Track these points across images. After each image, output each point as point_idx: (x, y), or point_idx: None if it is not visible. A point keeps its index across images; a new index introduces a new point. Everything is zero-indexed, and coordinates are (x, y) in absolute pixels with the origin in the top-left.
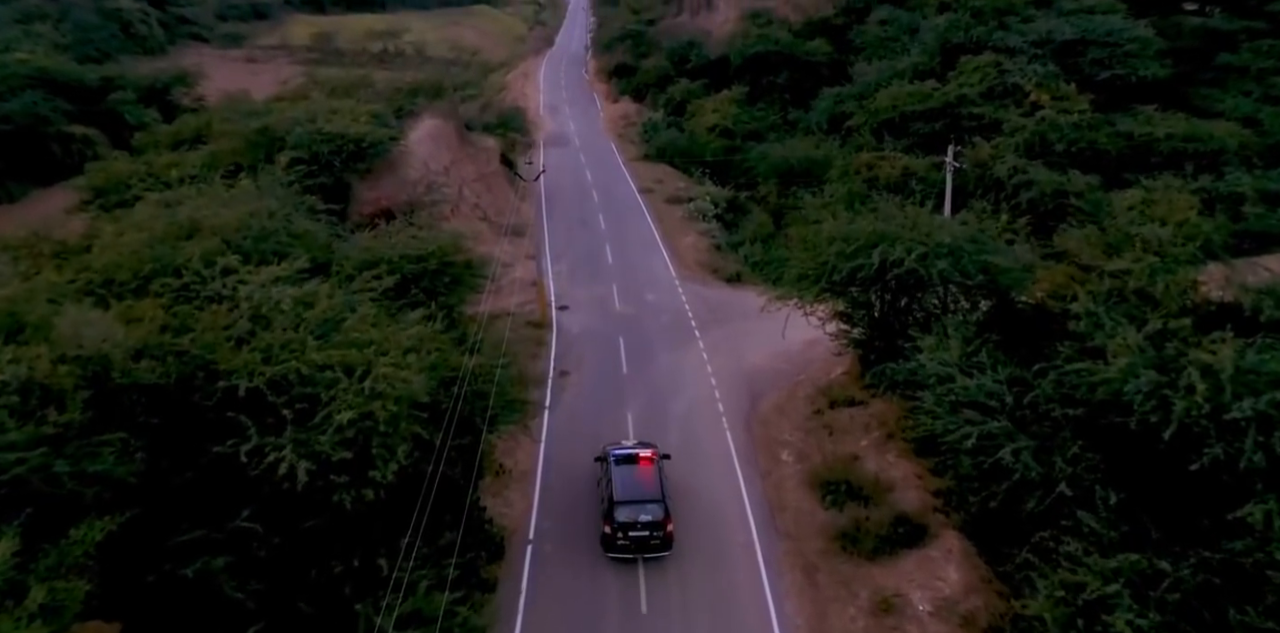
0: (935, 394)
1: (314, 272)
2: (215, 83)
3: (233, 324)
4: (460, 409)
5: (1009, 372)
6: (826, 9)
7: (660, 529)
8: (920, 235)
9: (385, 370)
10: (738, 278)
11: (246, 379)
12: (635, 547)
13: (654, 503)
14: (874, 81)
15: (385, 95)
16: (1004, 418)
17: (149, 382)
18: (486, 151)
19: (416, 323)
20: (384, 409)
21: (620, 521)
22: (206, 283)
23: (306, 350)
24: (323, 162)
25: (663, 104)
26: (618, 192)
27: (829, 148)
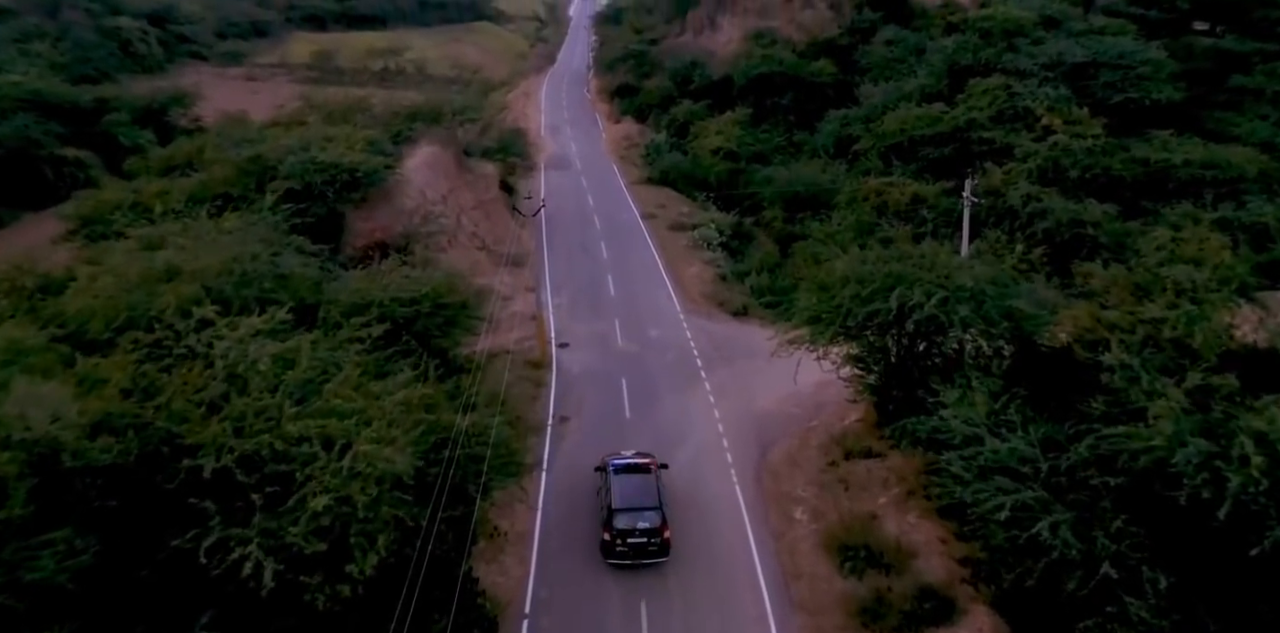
0: (961, 456)
1: (299, 319)
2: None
3: (205, 386)
4: (452, 476)
5: (1041, 431)
6: (831, 29)
7: (658, 536)
8: (939, 277)
9: (366, 448)
10: (744, 311)
11: (214, 458)
12: (633, 553)
13: (652, 510)
14: (881, 104)
15: (382, 120)
16: (1039, 486)
17: (105, 463)
18: (485, 178)
19: (404, 385)
20: (363, 493)
21: (619, 528)
22: (181, 338)
23: (283, 420)
24: (316, 192)
25: (665, 125)
26: (620, 217)
27: (835, 172)
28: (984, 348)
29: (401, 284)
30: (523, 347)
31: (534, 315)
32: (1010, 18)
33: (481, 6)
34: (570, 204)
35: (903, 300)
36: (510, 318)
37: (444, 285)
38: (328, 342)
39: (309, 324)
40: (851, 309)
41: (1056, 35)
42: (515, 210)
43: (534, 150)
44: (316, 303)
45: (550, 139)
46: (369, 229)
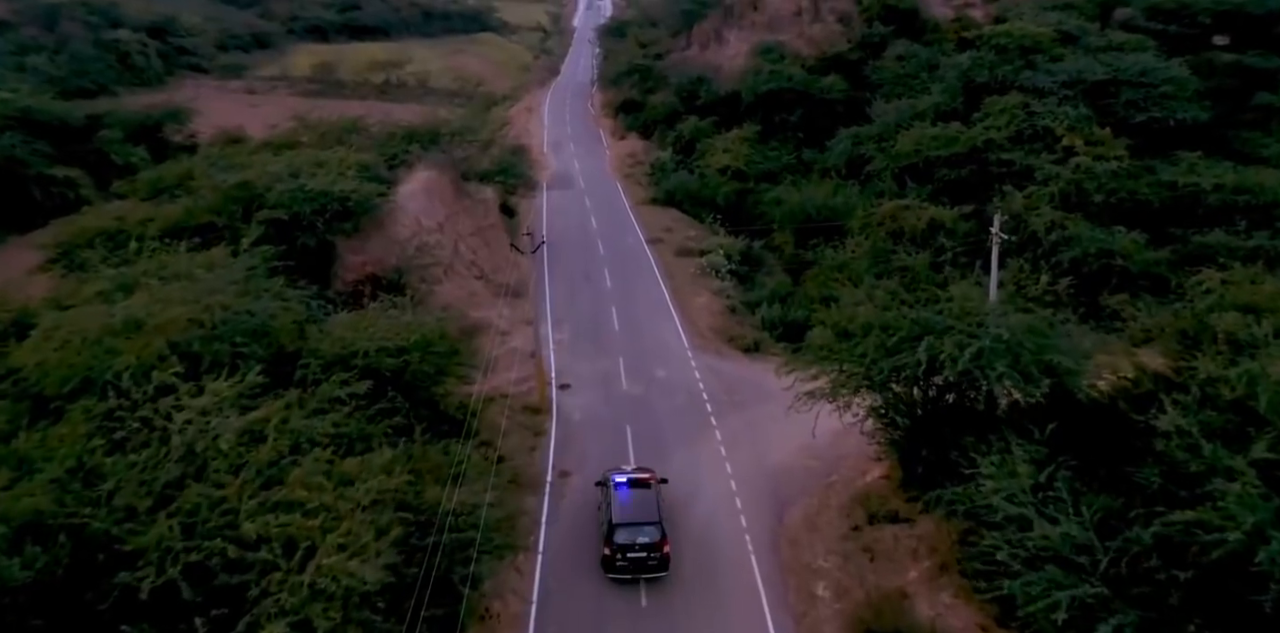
0: (1007, 540)
1: (276, 374)
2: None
3: (158, 467)
4: (436, 565)
5: (1096, 510)
6: (841, 43)
7: (657, 550)
8: (971, 325)
9: (331, 561)
10: (755, 348)
11: (155, 569)
12: (633, 568)
13: (651, 525)
14: (894, 122)
15: (378, 141)
16: (1097, 580)
17: (25, 581)
18: (484, 203)
19: (382, 468)
20: (325, 617)
21: (619, 542)
22: (137, 407)
23: (241, 515)
24: (305, 222)
25: (671, 141)
26: (624, 242)
27: (848, 193)
28: (1020, 402)
29: (390, 330)
30: (521, 389)
31: (533, 352)
32: (1027, 34)
33: (485, 17)
34: (573, 226)
35: (933, 352)
36: (508, 355)
37: (435, 332)
38: (302, 410)
39: (286, 380)
40: (875, 361)
41: (1075, 52)
42: (514, 247)
43: (536, 168)
44: (297, 352)
45: (553, 156)
46: (360, 262)
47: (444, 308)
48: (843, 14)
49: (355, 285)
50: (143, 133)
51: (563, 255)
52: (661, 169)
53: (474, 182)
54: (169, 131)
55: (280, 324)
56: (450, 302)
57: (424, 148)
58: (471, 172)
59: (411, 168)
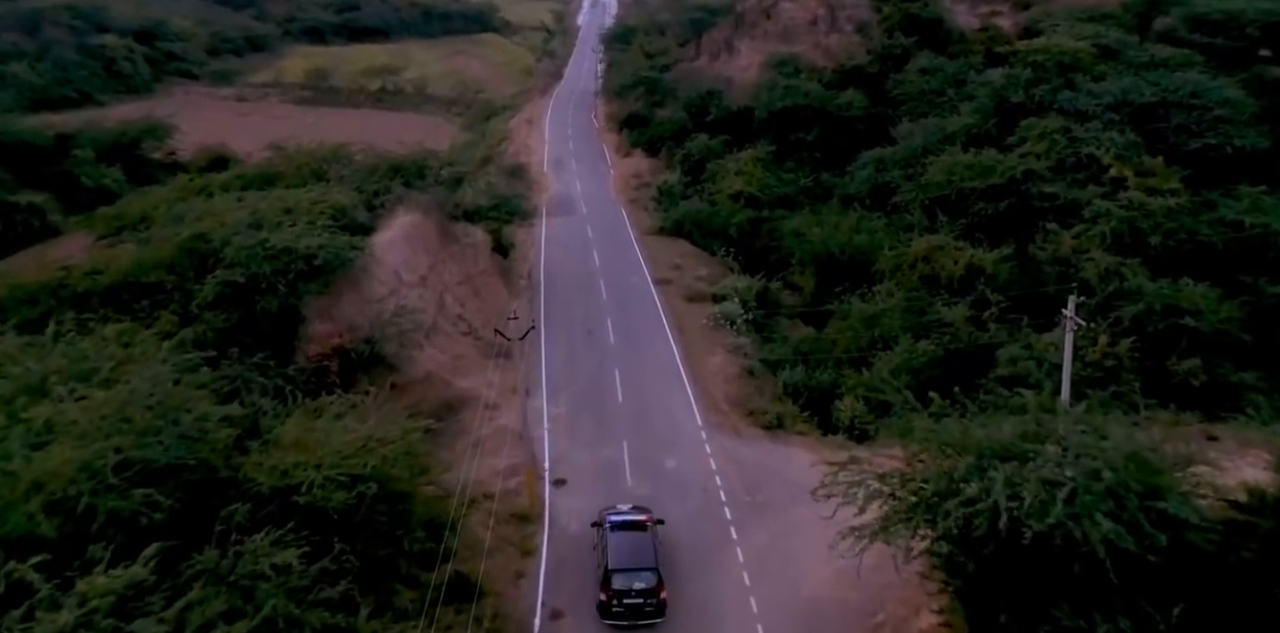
0: None
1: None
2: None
3: None
4: None
5: None
6: (859, 55)
7: (654, 597)
8: (1056, 449)
9: None
10: (779, 424)
11: None
12: (629, 614)
13: (648, 571)
14: (920, 146)
15: (360, 174)
16: None
17: None
18: (474, 247)
19: None
20: None
21: (615, 588)
22: None
23: None
24: (264, 284)
25: (679, 161)
26: (629, 282)
27: (872, 226)
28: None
29: (345, 447)
30: (509, 485)
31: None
32: (1066, 50)
33: (487, 17)
34: (574, 263)
35: (1011, 491)
36: (497, 435)
37: (398, 451)
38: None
39: (203, 532)
40: (937, 501)
41: (1117, 69)
42: (498, 333)
43: (535, 190)
44: (228, 482)
45: (553, 176)
46: (326, 332)
47: (425, 377)
48: (861, 23)
49: (320, 359)
50: (118, 151)
51: (561, 300)
52: (669, 193)
53: (464, 222)
54: (148, 149)
55: (214, 439)
56: (433, 368)
57: (409, 183)
58: (461, 209)
59: (393, 211)
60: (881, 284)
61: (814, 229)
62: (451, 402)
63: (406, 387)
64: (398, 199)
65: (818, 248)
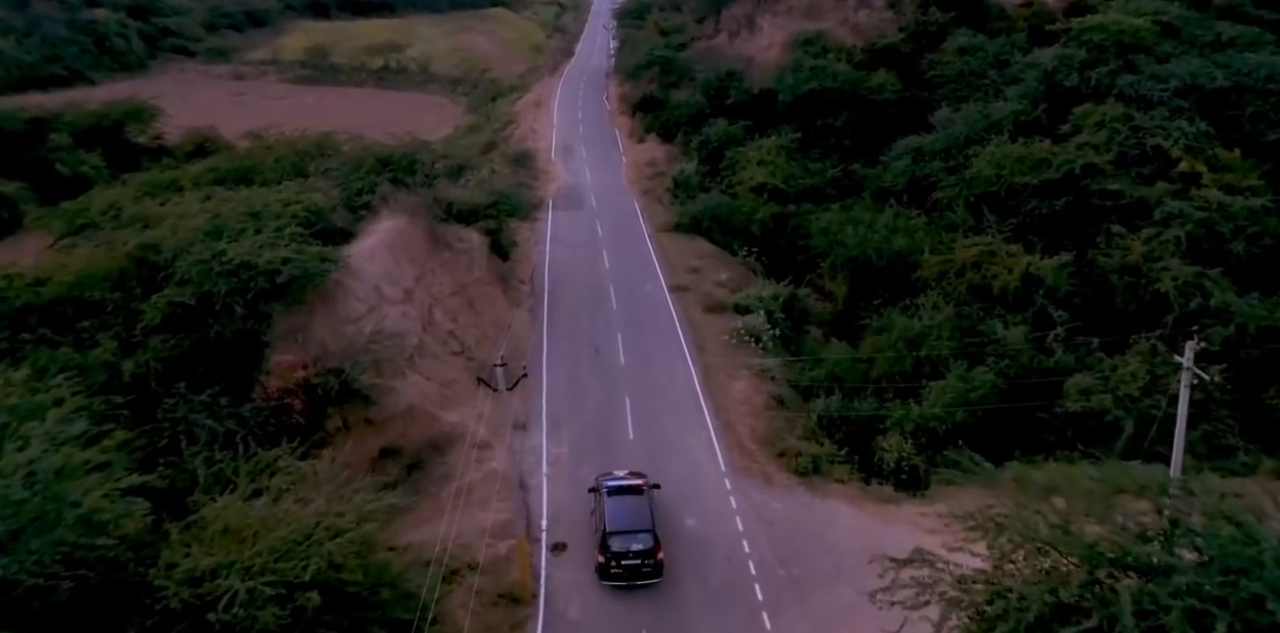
0: None
1: None
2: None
3: None
4: None
5: None
6: (891, 33)
7: (651, 557)
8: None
9: None
10: (814, 469)
11: None
12: (628, 575)
13: (644, 532)
14: (962, 134)
15: (345, 169)
16: None
17: None
18: (469, 254)
19: None
20: None
21: (613, 550)
22: None
23: None
24: (218, 305)
25: (696, 148)
26: (643, 290)
27: (909, 224)
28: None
29: (282, 542)
30: (498, 551)
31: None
32: (1126, 28)
33: None
34: (581, 265)
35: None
36: (486, 482)
37: (355, 546)
38: None
39: None
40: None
41: (1181, 50)
42: (481, 381)
43: (541, 180)
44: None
45: (561, 164)
46: (289, 363)
47: (407, 410)
48: None
49: (282, 395)
50: (99, 135)
51: (568, 310)
52: (685, 185)
53: (457, 224)
54: (132, 132)
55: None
56: (416, 400)
57: (398, 179)
58: (455, 209)
59: (376, 214)
60: (925, 295)
61: (846, 229)
62: (436, 440)
63: (384, 423)
64: (382, 200)
65: (852, 251)
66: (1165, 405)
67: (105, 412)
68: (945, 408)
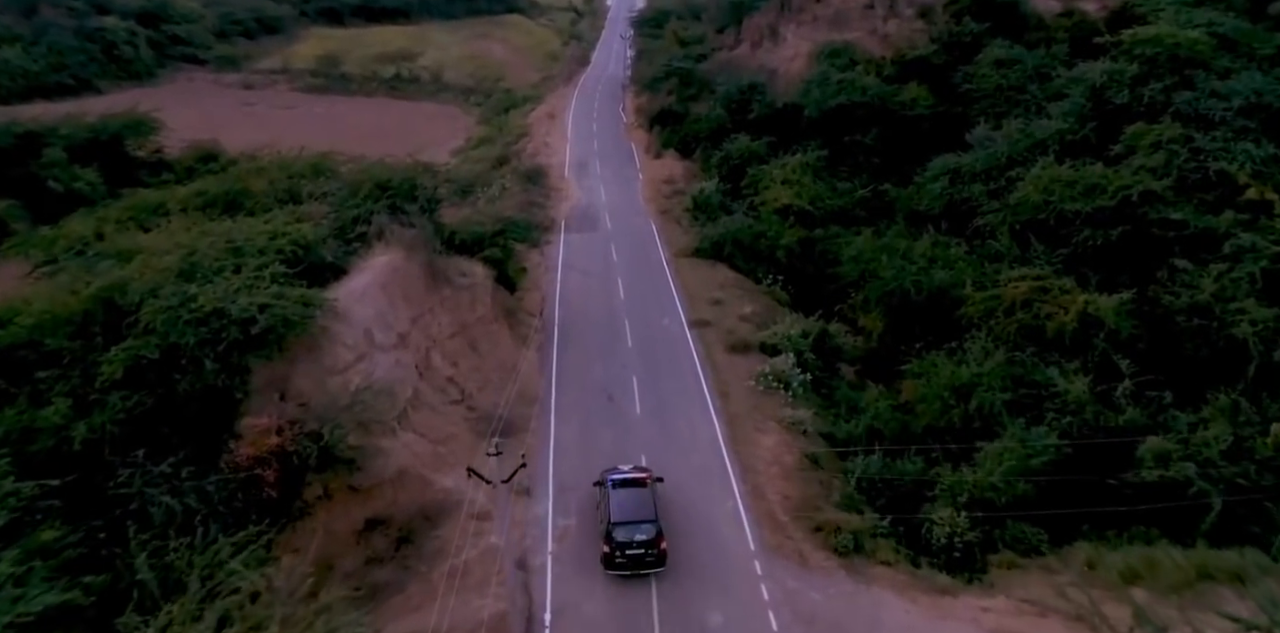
0: None
1: None
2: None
3: None
4: None
5: None
6: (922, 44)
7: (654, 547)
8: None
9: None
10: (857, 547)
11: None
12: (632, 564)
13: (648, 523)
14: (1004, 154)
15: (342, 194)
16: None
17: None
18: (472, 290)
19: None
20: None
21: (618, 540)
22: None
23: None
24: (185, 358)
25: (716, 165)
26: (660, 326)
27: (949, 254)
28: None
29: None
30: None
31: (521, 561)
32: (1183, 41)
33: None
34: (595, 295)
35: None
36: (483, 560)
37: None
38: None
39: None
40: None
41: (1240, 65)
42: (471, 472)
43: (554, 198)
44: None
45: (575, 182)
46: (262, 426)
47: (397, 475)
48: (924, 7)
49: (253, 465)
50: (96, 149)
51: (579, 349)
52: (705, 205)
53: (460, 256)
54: (131, 146)
55: None
56: (408, 463)
57: (397, 206)
58: (459, 238)
59: (370, 248)
60: (971, 336)
61: (880, 258)
62: (429, 509)
63: (371, 490)
64: (378, 232)
65: (888, 285)
66: (1255, 474)
67: (40, 496)
68: (1004, 477)
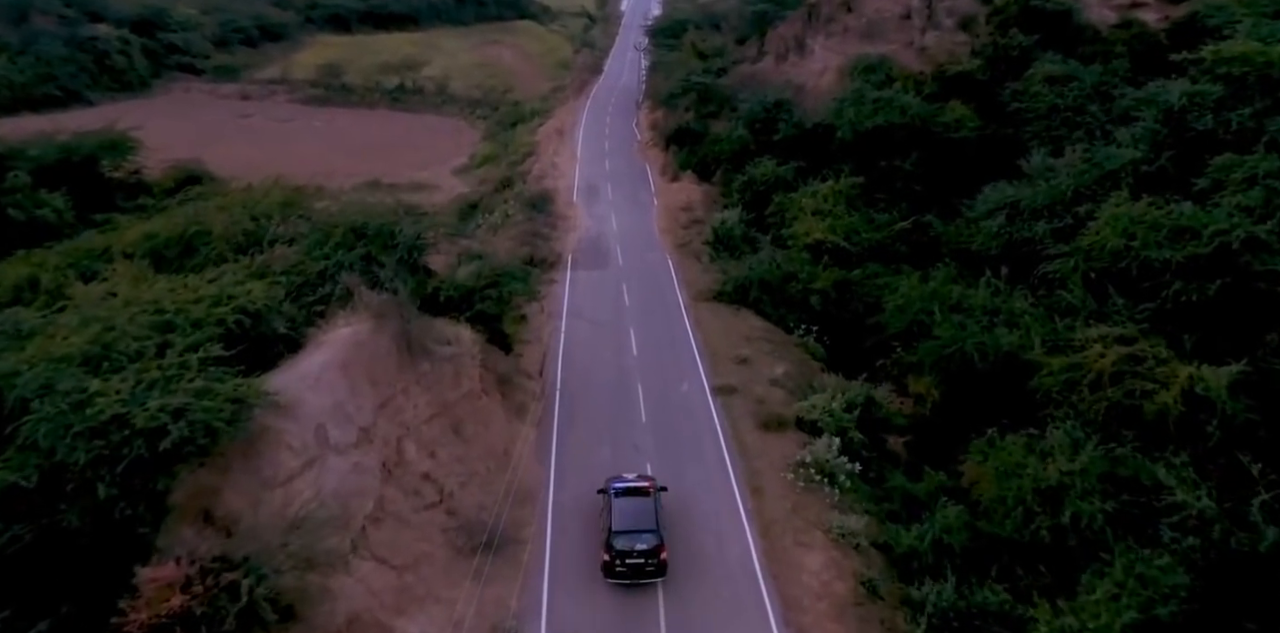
0: None
1: None
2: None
3: None
4: None
5: None
6: (963, 57)
7: (655, 557)
8: None
9: None
10: None
11: None
12: (632, 573)
13: (649, 533)
14: (1069, 187)
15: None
16: None
17: None
18: (456, 361)
19: None
20: None
21: (618, 549)
22: None
23: None
24: (71, 484)
25: (738, 190)
26: (679, 393)
27: (1012, 306)
28: None
29: None
30: None
31: None
32: (1276, 59)
33: (524, 2)
34: (604, 350)
35: None
36: None
37: None
38: None
39: None
40: None
41: None
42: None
43: (560, 226)
44: None
45: (584, 208)
46: (165, 579)
47: (348, 624)
48: (965, 17)
49: (152, 628)
50: (69, 171)
51: (586, 423)
52: (727, 238)
53: (442, 318)
54: (107, 167)
55: None
56: (362, 606)
57: (373, 257)
58: (443, 294)
59: (332, 318)
60: (1051, 416)
61: (932, 308)
62: None
63: None
64: (344, 295)
65: (945, 346)
66: None
67: None
68: (1124, 628)
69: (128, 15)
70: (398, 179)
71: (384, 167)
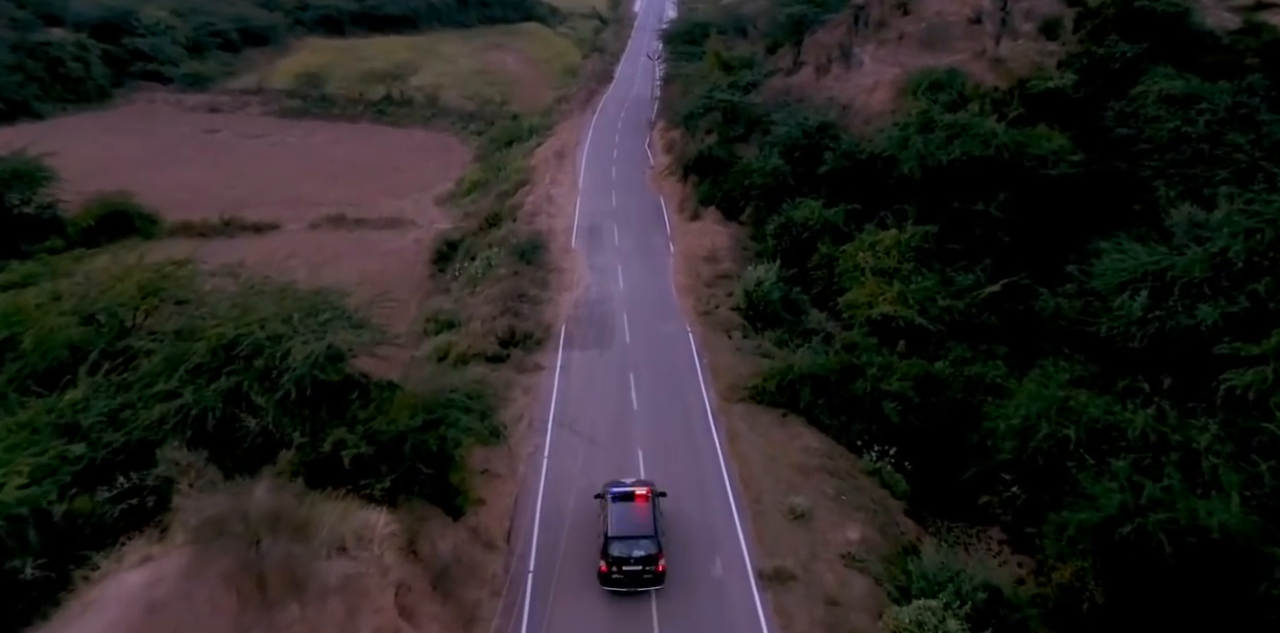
0: None
1: None
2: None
3: None
4: None
5: None
6: (1049, 69)
7: (653, 564)
8: None
9: None
10: None
11: None
12: (629, 581)
13: (647, 539)
14: (1240, 251)
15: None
16: None
17: None
18: (350, 587)
19: None
20: None
21: (615, 555)
22: None
23: None
24: None
25: (773, 235)
26: (710, 580)
27: (1189, 434)
28: None
29: None
30: None
31: None
32: None
33: (530, 3)
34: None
35: None
36: None
37: None
38: None
39: None
40: None
41: None
42: None
43: (554, 283)
44: None
45: (584, 257)
46: None
47: None
48: (1048, 21)
49: None
50: None
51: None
52: (763, 302)
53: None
54: (13, 201)
55: None
56: None
57: (244, 394)
58: (350, 451)
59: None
60: None
61: (1075, 445)
62: None
63: None
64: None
65: (1106, 511)
66: None
67: None
68: None
69: (89, 19)
70: (369, 212)
71: (357, 193)
